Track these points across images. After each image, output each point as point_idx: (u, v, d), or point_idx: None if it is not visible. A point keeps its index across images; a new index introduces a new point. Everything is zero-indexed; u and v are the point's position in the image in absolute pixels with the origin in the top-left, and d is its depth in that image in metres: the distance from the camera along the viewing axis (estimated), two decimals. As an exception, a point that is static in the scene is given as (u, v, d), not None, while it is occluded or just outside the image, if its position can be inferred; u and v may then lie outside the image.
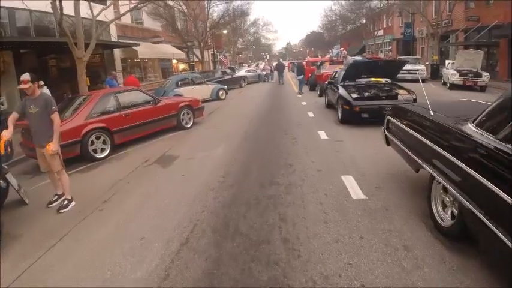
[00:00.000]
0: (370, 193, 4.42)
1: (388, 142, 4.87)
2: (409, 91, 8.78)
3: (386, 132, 4.83)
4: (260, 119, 10.60)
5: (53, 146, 4.66)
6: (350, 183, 4.82)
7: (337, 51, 57.74)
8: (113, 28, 21.57)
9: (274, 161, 6.18)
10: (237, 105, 14.66)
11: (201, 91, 16.71)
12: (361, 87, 9.10)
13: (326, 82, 12.02)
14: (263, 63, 34.43)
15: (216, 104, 15.58)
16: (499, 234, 2.08)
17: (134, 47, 21.81)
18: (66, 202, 4.88)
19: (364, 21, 40.49)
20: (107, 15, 21.15)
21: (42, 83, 12.07)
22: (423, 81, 7.16)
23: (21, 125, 5.92)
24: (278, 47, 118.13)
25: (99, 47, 19.61)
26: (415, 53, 30.94)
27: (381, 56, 36.33)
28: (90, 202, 4.98)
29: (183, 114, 9.89)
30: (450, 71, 16.90)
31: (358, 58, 28.71)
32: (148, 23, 27.83)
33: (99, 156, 7.61)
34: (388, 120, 4.76)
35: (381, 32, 40.63)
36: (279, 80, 26.45)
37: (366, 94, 8.61)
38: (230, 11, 29.85)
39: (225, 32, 38.43)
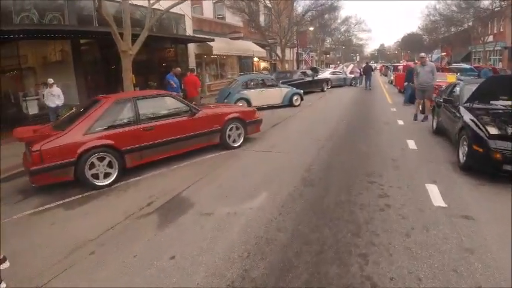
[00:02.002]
0: None
1: None
2: None
3: None
4: (336, 144, 7.59)
5: None
6: None
7: (437, 56, 50.99)
8: (188, 21, 20.22)
9: (344, 249, 3.29)
10: (310, 117, 11.75)
11: (271, 95, 14.20)
12: (502, 117, 5.56)
13: (437, 97, 8.52)
14: (351, 65, 30.58)
15: (285, 112, 12.87)
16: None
17: (209, 42, 20.25)
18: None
19: (470, 23, 33.96)
20: (183, 7, 20.11)
21: (51, 81, 10.29)
22: None
23: None
24: (370, 48, 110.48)
25: (167, 41, 18.39)
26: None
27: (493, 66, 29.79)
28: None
29: (231, 129, 7.41)
30: None
31: (466, 66, 23.43)
32: (230, 18, 26.29)
33: (100, 183, 5.57)
34: None
35: (490, 38, 33.59)
36: (366, 84, 22.74)
37: (512, 130, 5.04)
38: (317, 5, 26.71)
39: (311, 29, 35.39)
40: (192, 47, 20.85)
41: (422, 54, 10.77)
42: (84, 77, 13.98)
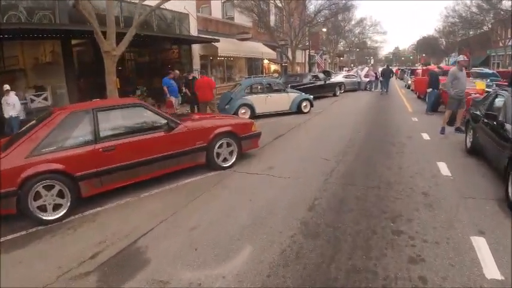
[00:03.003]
0: None
1: None
2: None
3: None
4: (349, 167, 6.18)
5: None
6: None
7: (454, 60, 48.84)
8: (192, 21, 19.07)
9: None
10: (320, 128, 10.36)
11: (277, 101, 12.86)
12: None
13: (471, 108, 7.05)
14: (366, 68, 28.99)
15: (292, 120, 11.50)
16: None
17: (214, 43, 19.05)
18: None
19: (490, 26, 31.98)
20: (187, 6, 18.98)
21: (6, 87, 8.82)
22: None
23: None
24: (385, 51, 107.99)
25: (168, 42, 17.24)
26: None
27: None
28: None
29: (220, 146, 6.10)
30: None
31: (488, 70, 21.58)
32: (239, 18, 25.07)
33: (47, 217, 4.43)
34: None
35: (509, 42, 31.56)
36: (382, 88, 21.20)
37: None
38: (330, 4, 25.21)
39: (324, 30, 33.89)
40: (196, 48, 19.69)
41: (462, 56, 9.23)
42: (76, 80, 12.94)
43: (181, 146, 5.52)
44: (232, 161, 6.27)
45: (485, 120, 5.80)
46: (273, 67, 31.92)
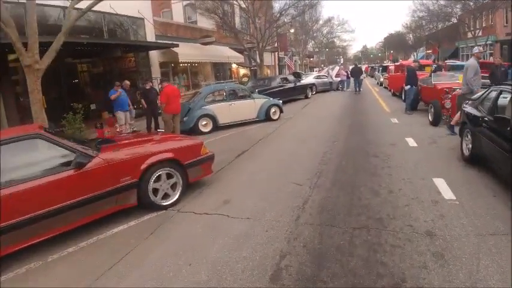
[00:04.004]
0: None
1: None
2: None
3: None
4: (327, 198, 4.88)
5: None
6: None
7: (422, 54, 49.13)
8: (148, 26, 17.48)
9: None
10: (290, 138, 9.05)
11: (243, 109, 11.50)
12: None
13: (467, 110, 5.90)
14: (337, 68, 28.20)
15: (259, 131, 10.15)
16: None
17: (173, 48, 17.51)
18: None
19: (458, 18, 32.01)
20: (141, 10, 17.38)
21: None
22: None
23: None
24: (354, 49, 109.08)
25: (118, 49, 15.50)
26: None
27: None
28: None
29: (157, 179, 4.63)
30: None
31: (461, 62, 21.12)
32: (202, 22, 23.61)
33: None
34: None
35: (479, 33, 31.68)
36: (356, 88, 20.37)
37: None
38: (295, 2, 24.08)
39: (291, 31, 32.90)
40: (155, 55, 18.09)
41: (477, 48, 8.12)
42: (15, 98, 11.20)
43: (98, 187, 4.02)
44: (176, 197, 4.82)
45: (492, 125, 4.62)
46: (242, 71, 30.61)
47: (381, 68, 29.04)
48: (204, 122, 10.65)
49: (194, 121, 10.47)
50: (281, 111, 12.30)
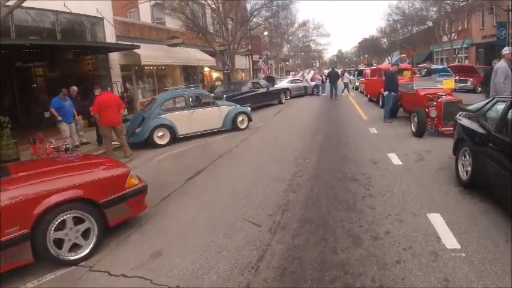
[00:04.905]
0: None
1: None
2: None
3: None
4: (292, 242, 3.71)
5: None
6: None
7: (397, 58, 49.38)
8: (108, 26, 15.95)
9: None
10: (257, 151, 7.88)
11: (206, 117, 10.23)
12: None
13: (464, 123, 4.88)
14: (312, 72, 27.38)
15: (222, 144, 8.93)
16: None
17: (136, 50, 16.04)
18: None
19: (433, 21, 32.05)
20: (101, 8, 15.85)
21: None
22: None
23: None
24: (330, 53, 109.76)
25: (69, 51, 13.92)
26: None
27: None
28: None
29: (60, 226, 3.33)
30: None
31: (438, 66, 20.69)
32: (171, 22, 22.19)
33: None
34: None
35: (454, 36, 31.89)
36: (331, 93, 19.42)
37: None
38: (267, 2, 23.00)
39: (265, 33, 31.86)
40: (116, 57, 16.53)
41: (508, 48, 6.95)
42: None
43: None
44: (89, 249, 3.51)
45: (506, 149, 3.56)
46: (215, 75, 29.31)
47: (356, 72, 28.43)
48: (160, 133, 9.31)
49: (148, 132, 9.11)
50: (250, 120, 11.11)
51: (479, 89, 17.54)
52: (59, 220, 3.33)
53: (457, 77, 17.06)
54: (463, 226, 3.58)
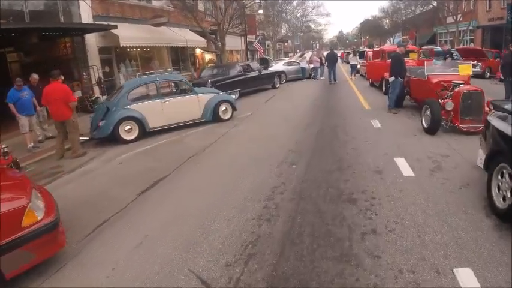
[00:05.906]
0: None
1: None
2: None
3: None
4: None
5: None
6: None
7: (399, 40, 47.36)
8: (83, 5, 14.36)
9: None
10: (235, 152, 6.56)
11: (182, 107, 8.85)
12: None
13: (506, 131, 3.55)
14: (310, 53, 25.74)
15: (200, 138, 7.61)
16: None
17: (112, 31, 14.50)
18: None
19: (435, 4, 30.21)
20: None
21: None
22: None
23: None
24: (330, 35, 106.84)
25: (34, 35, 12.32)
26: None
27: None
28: None
29: None
30: None
31: (439, 48, 19.08)
32: (158, 1, 20.46)
33: None
34: None
35: (460, 18, 30.00)
36: (330, 76, 17.93)
37: None
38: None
39: (260, 11, 29.95)
40: (93, 39, 15.02)
41: None
42: None
43: None
44: None
45: None
46: (208, 57, 27.66)
47: (357, 54, 26.76)
48: (127, 127, 7.97)
49: (113, 126, 7.77)
50: (234, 109, 9.73)
51: (488, 74, 16.16)
52: None
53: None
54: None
